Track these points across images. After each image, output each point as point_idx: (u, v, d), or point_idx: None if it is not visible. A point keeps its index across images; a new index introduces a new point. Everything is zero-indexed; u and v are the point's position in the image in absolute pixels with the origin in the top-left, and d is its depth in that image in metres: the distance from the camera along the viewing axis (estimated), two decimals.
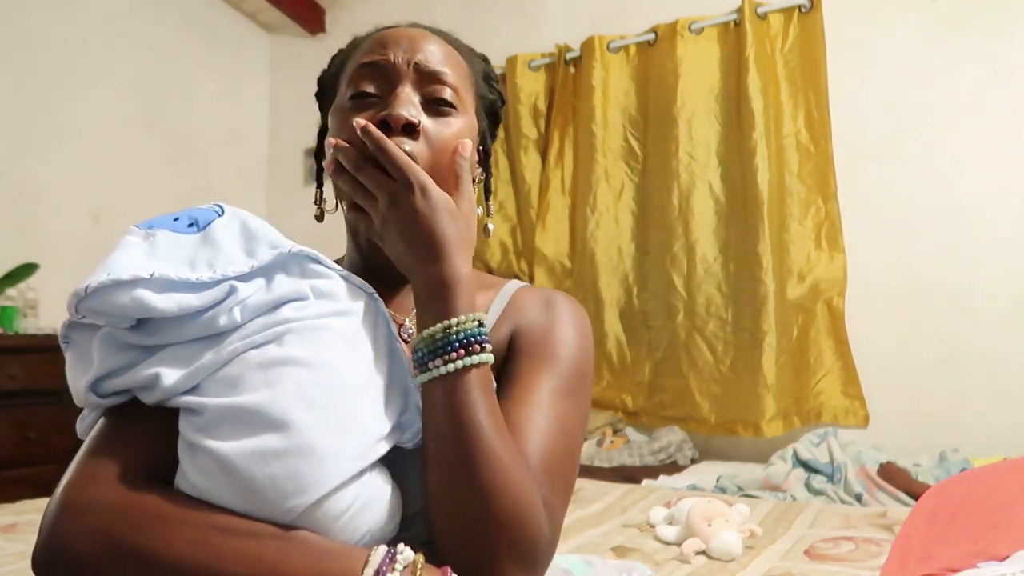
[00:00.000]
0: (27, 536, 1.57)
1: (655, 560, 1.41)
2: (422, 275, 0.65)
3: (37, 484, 2.34)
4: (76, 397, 0.61)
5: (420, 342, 0.64)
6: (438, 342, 0.63)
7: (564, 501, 0.66)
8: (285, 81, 4.20)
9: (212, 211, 0.64)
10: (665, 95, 3.07)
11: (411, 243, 0.66)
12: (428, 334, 0.63)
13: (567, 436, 0.68)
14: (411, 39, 0.76)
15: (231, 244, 0.61)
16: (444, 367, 0.62)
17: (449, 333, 0.63)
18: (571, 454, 0.69)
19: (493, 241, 3.43)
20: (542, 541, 0.61)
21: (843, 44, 2.83)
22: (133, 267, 0.56)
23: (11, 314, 2.83)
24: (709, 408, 2.91)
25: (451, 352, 0.62)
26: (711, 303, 2.94)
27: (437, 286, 0.64)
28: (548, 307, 0.78)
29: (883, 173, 2.78)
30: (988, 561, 0.94)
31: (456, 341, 0.62)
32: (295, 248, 0.62)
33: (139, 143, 3.53)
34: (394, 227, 0.66)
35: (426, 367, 0.63)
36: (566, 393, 0.71)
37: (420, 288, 0.66)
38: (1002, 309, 2.56)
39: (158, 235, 0.60)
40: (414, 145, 0.71)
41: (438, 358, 0.62)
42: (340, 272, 0.65)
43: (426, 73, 0.74)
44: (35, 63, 3.14)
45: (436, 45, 0.77)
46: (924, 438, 2.51)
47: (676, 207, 3.01)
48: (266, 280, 0.60)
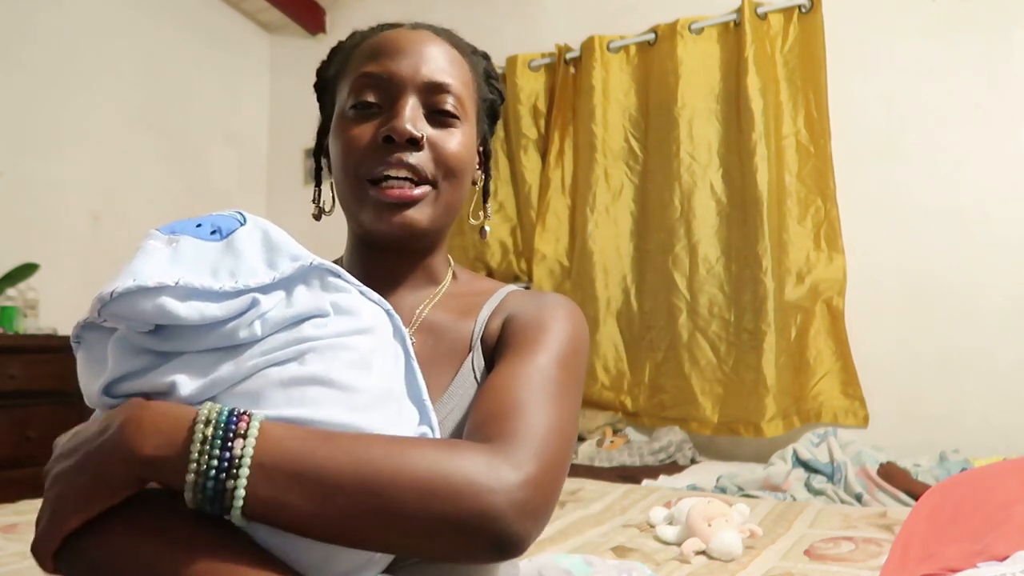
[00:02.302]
0: (27, 536, 1.57)
1: (655, 560, 1.41)
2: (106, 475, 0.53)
3: (37, 484, 2.32)
4: (88, 398, 0.60)
5: (195, 497, 0.51)
6: (206, 473, 0.51)
7: (551, 470, 0.59)
8: (285, 81, 4.20)
9: (234, 219, 0.63)
10: (665, 95, 3.07)
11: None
12: (192, 489, 0.51)
13: (557, 403, 0.65)
14: (415, 46, 0.75)
15: (253, 254, 0.60)
16: (237, 492, 0.51)
17: (206, 464, 0.51)
18: (562, 423, 0.64)
19: (493, 241, 3.43)
20: (496, 513, 0.53)
21: (843, 44, 2.83)
22: (158, 274, 0.56)
23: (11, 314, 2.83)
24: (711, 408, 2.91)
25: (230, 462, 0.51)
26: (713, 303, 2.94)
27: (150, 471, 0.53)
28: (538, 298, 0.79)
29: (883, 173, 2.78)
30: (988, 561, 0.94)
31: (219, 452, 0.51)
32: (316, 261, 0.62)
33: (139, 143, 3.53)
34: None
35: (231, 494, 0.51)
36: (556, 361, 0.69)
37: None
38: (1002, 309, 2.56)
39: (181, 241, 0.60)
40: (418, 157, 0.72)
41: (228, 479, 0.51)
42: (359, 287, 0.65)
43: (430, 84, 0.74)
44: (35, 63, 3.14)
45: (440, 51, 0.76)
46: (924, 438, 2.51)
47: (678, 208, 3.02)
48: (286, 293, 0.60)
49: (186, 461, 0.51)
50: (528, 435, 0.59)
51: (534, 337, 0.71)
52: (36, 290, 2.96)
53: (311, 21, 4.09)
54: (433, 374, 0.73)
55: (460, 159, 0.75)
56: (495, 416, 0.61)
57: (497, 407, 0.62)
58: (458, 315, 0.79)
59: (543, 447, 0.59)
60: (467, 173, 0.78)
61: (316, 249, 0.65)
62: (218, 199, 3.87)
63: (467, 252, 3.45)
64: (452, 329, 0.78)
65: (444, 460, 0.54)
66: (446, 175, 0.74)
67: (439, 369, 0.75)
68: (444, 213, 0.76)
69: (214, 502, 0.51)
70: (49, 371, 2.69)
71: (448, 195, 0.75)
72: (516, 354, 0.69)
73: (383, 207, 0.72)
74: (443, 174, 0.74)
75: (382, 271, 0.79)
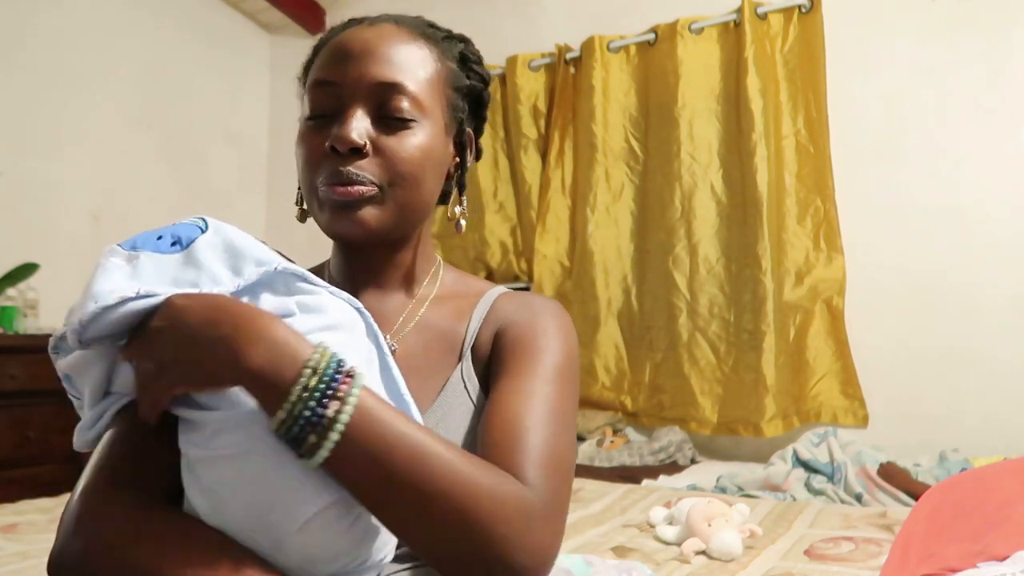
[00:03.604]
0: (27, 536, 1.57)
1: (655, 560, 1.41)
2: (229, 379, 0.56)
3: (37, 484, 2.34)
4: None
5: (279, 430, 0.54)
6: (297, 421, 0.53)
7: (564, 490, 0.64)
8: (285, 81, 4.20)
9: (195, 227, 0.63)
10: (666, 95, 3.07)
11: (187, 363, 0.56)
12: (279, 427, 0.54)
13: (561, 423, 0.67)
14: (367, 46, 0.73)
15: (215, 262, 0.61)
16: (325, 442, 0.53)
17: (298, 411, 0.53)
18: (568, 443, 0.68)
19: (493, 241, 3.43)
20: (524, 543, 0.57)
21: (843, 44, 2.83)
22: (119, 289, 0.57)
23: (11, 314, 2.83)
24: (711, 408, 2.91)
25: (321, 419, 0.53)
26: (714, 304, 2.95)
27: (251, 384, 0.55)
28: (528, 307, 0.78)
29: (883, 173, 2.78)
30: (988, 561, 0.94)
31: (315, 406, 0.53)
32: (281, 265, 0.62)
33: (139, 143, 3.53)
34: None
35: (308, 451, 0.54)
36: (555, 380, 0.70)
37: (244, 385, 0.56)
38: (1002, 309, 2.56)
39: (141, 258, 0.60)
40: (364, 164, 0.71)
41: (312, 434, 0.53)
42: (327, 288, 0.65)
43: (378, 86, 0.72)
44: (35, 63, 3.14)
45: (395, 49, 0.74)
46: (924, 438, 2.51)
47: (678, 208, 3.02)
48: (251, 298, 0.60)
49: (282, 400, 0.54)
50: (539, 474, 0.62)
51: (529, 357, 0.71)
52: (36, 290, 2.96)
53: (311, 21, 4.09)
54: (420, 381, 0.72)
55: (413, 162, 0.73)
56: (500, 449, 0.63)
57: (501, 439, 0.64)
58: (445, 319, 0.78)
59: (556, 484, 0.63)
60: (426, 173, 0.75)
61: (315, 250, 0.64)
62: (218, 199, 3.87)
63: (467, 252, 3.45)
64: (439, 335, 0.77)
65: (483, 488, 0.57)
66: (395, 180, 0.72)
67: (427, 376, 0.74)
68: (399, 215, 0.73)
69: (294, 443, 0.54)
70: (49, 371, 2.63)
71: (402, 198, 0.73)
72: (512, 377, 0.70)
73: (335, 207, 0.71)
74: (391, 179, 0.72)
75: (362, 274, 0.78)
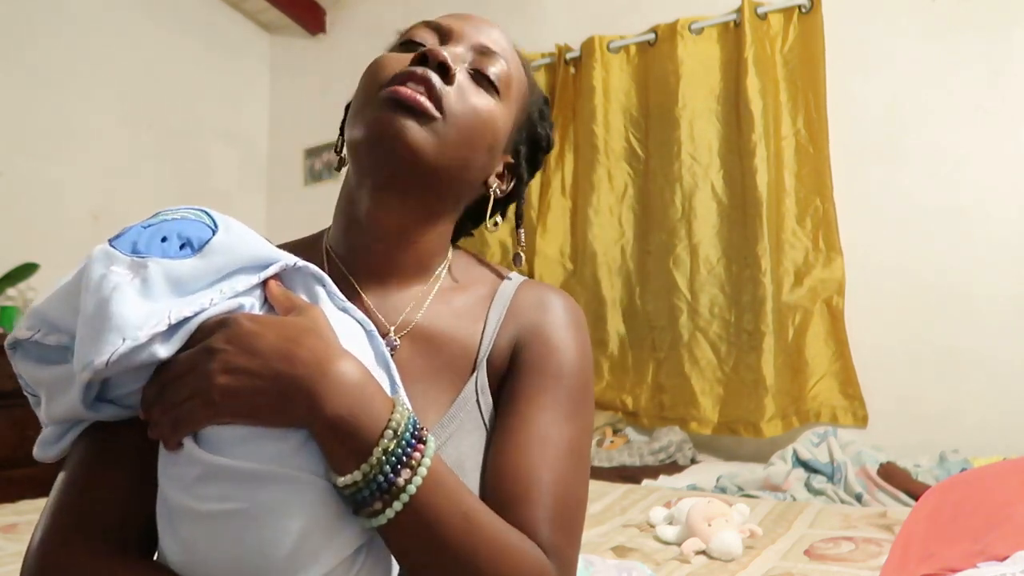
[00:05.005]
0: (27, 536, 1.57)
1: (655, 560, 1.41)
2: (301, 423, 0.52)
3: (37, 484, 2.33)
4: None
5: (347, 489, 0.52)
6: (369, 486, 0.51)
7: (577, 543, 0.64)
8: (285, 81, 4.20)
9: (202, 224, 0.59)
10: (666, 96, 3.07)
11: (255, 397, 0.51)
12: (349, 485, 0.51)
13: (578, 465, 0.66)
14: (484, 23, 0.73)
15: (233, 266, 0.56)
16: (388, 509, 0.52)
17: (374, 474, 0.51)
18: (582, 483, 0.67)
19: (493, 241, 3.43)
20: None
21: (843, 44, 2.83)
22: (142, 319, 0.51)
23: (11, 314, 2.83)
24: (711, 408, 2.91)
25: (392, 486, 0.51)
26: (714, 304, 2.94)
27: (324, 432, 0.52)
28: (545, 312, 0.72)
29: (882, 173, 2.78)
30: (988, 561, 0.94)
31: (389, 471, 0.51)
32: (300, 263, 0.60)
33: (139, 143, 3.53)
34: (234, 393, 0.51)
35: (369, 515, 0.52)
36: (571, 414, 0.67)
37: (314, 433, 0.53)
38: (1002, 309, 2.55)
39: (150, 266, 0.54)
40: (444, 87, 0.65)
41: (379, 500, 0.51)
42: (341, 302, 0.61)
43: (484, 48, 0.70)
44: (35, 63, 3.14)
45: (508, 44, 0.74)
46: (924, 438, 2.51)
47: (679, 208, 3.02)
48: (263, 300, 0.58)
49: (359, 460, 0.51)
50: (556, 537, 0.61)
51: (547, 384, 0.67)
52: (36, 290, 2.97)
53: (311, 21, 4.09)
54: (428, 391, 0.67)
55: (480, 120, 0.67)
56: (516, 502, 0.61)
57: (514, 489, 0.62)
58: (457, 320, 0.71)
59: (571, 540, 0.63)
60: (483, 145, 0.68)
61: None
62: (218, 199, 3.87)
63: None
64: (451, 339, 0.70)
65: (526, 563, 0.57)
66: (457, 125, 0.65)
67: (436, 386, 0.68)
68: (438, 162, 0.65)
69: (357, 504, 0.52)
70: None
71: (452, 150, 0.65)
72: (527, 410, 0.66)
73: (390, 103, 0.63)
74: (455, 121, 0.65)
75: (369, 255, 0.70)
